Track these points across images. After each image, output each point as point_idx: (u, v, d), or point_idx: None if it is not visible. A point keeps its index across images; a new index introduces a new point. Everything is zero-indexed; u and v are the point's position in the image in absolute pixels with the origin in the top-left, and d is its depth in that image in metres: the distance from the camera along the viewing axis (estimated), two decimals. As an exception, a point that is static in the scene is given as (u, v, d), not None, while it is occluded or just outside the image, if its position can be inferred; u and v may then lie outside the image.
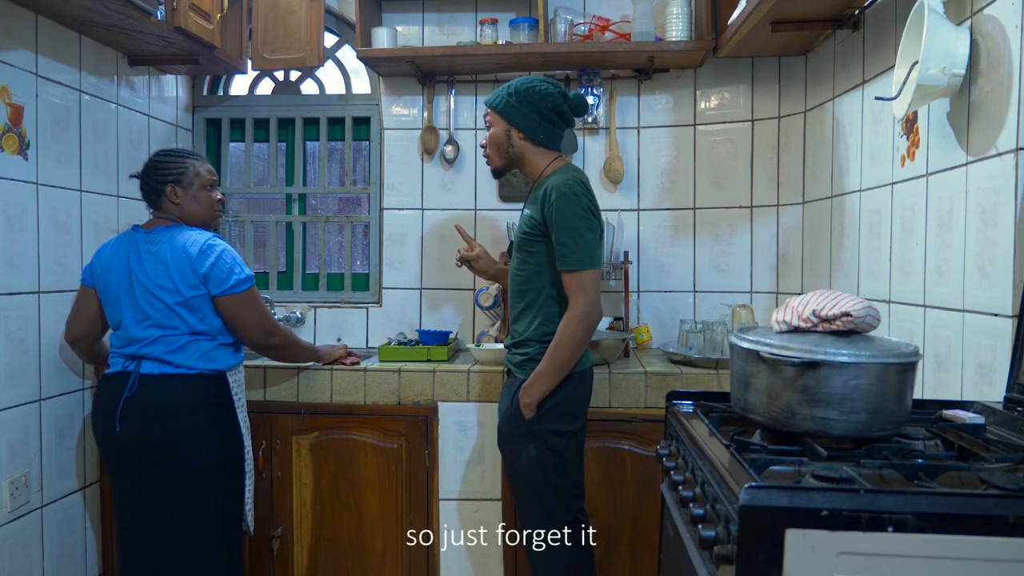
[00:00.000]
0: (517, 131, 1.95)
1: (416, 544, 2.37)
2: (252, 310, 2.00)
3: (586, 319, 1.82)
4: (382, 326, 2.92)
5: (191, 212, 2.05)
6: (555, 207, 1.83)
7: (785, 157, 2.70)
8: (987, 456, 1.12)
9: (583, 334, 1.83)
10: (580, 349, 1.85)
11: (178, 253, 1.92)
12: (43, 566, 2.25)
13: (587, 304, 1.82)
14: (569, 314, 1.83)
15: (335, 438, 2.38)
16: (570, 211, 1.82)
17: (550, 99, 1.93)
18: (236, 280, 1.96)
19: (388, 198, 2.94)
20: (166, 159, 2.05)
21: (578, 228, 1.82)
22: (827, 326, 1.26)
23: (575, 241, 1.82)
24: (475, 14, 2.87)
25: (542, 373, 1.85)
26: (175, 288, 1.92)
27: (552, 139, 1.98)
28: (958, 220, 1.56)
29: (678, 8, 2.56)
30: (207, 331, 1.97)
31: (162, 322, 1.92)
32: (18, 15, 2.12)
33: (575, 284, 1.83)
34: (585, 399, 1.98)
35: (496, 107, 1.96)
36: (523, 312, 1.97)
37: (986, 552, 0.86)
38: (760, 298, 2.75)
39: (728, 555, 0.94)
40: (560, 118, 1.96)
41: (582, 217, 1.83)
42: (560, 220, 1.82)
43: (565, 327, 1.83)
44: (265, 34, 2.73)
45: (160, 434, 1.90)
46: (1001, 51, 1.40)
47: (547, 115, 1.94)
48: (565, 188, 1.84)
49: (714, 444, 1.20)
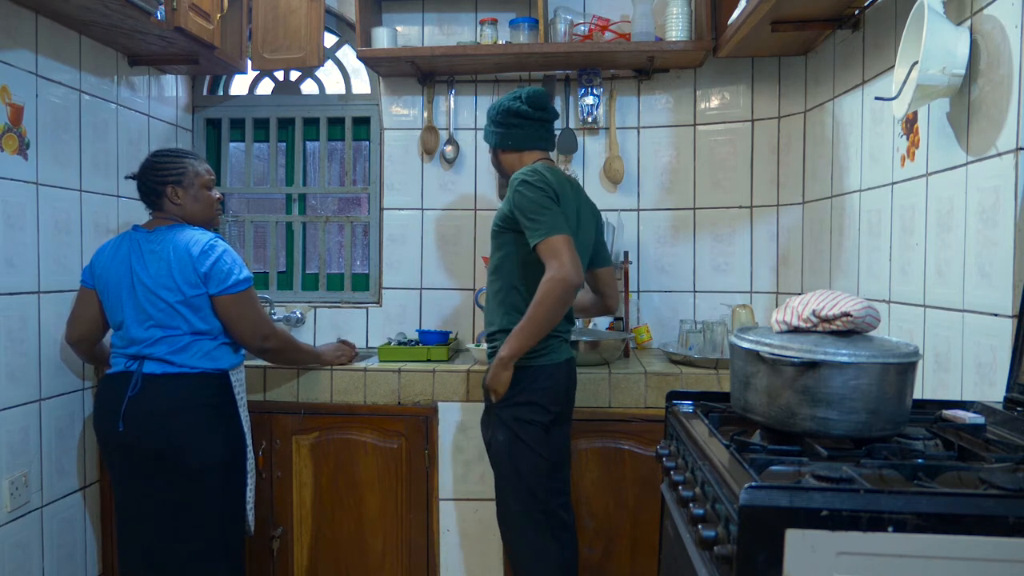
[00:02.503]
0: (494, 149, 2.15)
1: (416, 544, 2.38)
2: (249, 311, 2.00)
3: (562, 280, 1.82)
4: (382, 326, 2.92)
5: (192, 212, 2.05)
6: (513, 195, 1.93)
7: (785, 157, 2.70)
8: (987, 456, 1.12)
9: (560, 293, 1.83)
10: (556, 309, 1.85)
11: (180, 252, 1.93)
12: (43, 566, 2.25)
13: (560, 266, 1.83)
14: (545, 275, 1.85)
15: (335, 438, 2.38)
16: (528, 191, 1.90)
17: (502, 108, 2.08)
18: (235, 280, 1.96)
19: (388, 198, 2.94)
20: (164, 160, 2.04)
21: (537, 203, 1.88)
22: (827, 326, 1.26)
23: (537, 214, 1.87)
24: (475, 14, 2.87)
25: (520, 330, 1.88)
26: (176, 287, 1.92)
27: (520, 140, 2.08)
28: (958, 220, 1.56)
29: (678, 8, 2.56)
30: (209, 330, 1.97)
31: (164, 322, 1.92)
32: (18, 15, 2.12)
33: (547, 251, 1.85)
34: (557, 392, 1.98)
35: (484, 138, 2.18)
36: (492, 303, 2.05)
37: (986, 552, 0.86)
38: (760, 298, 2.75)
39: (728, 555, 0.94)
40: (517, 117, 2.06)
41: (539, 195, 1.89)
42: (520, 202, 1.90)
43: (542, 286, 1.85)
44: (265, 34, 2.73)
45: (163, 434, 1.89)
46: (1001, 51, 1.40)
47: (504, 122, 2.08)
48: (520, 176, 1.94)
49: (714, 444, 1.20)
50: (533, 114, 2.07)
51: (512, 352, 1.89)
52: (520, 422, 1.94)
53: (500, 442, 1.97)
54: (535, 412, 1.95)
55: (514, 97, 2.08)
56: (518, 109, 2.06)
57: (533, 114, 2.07)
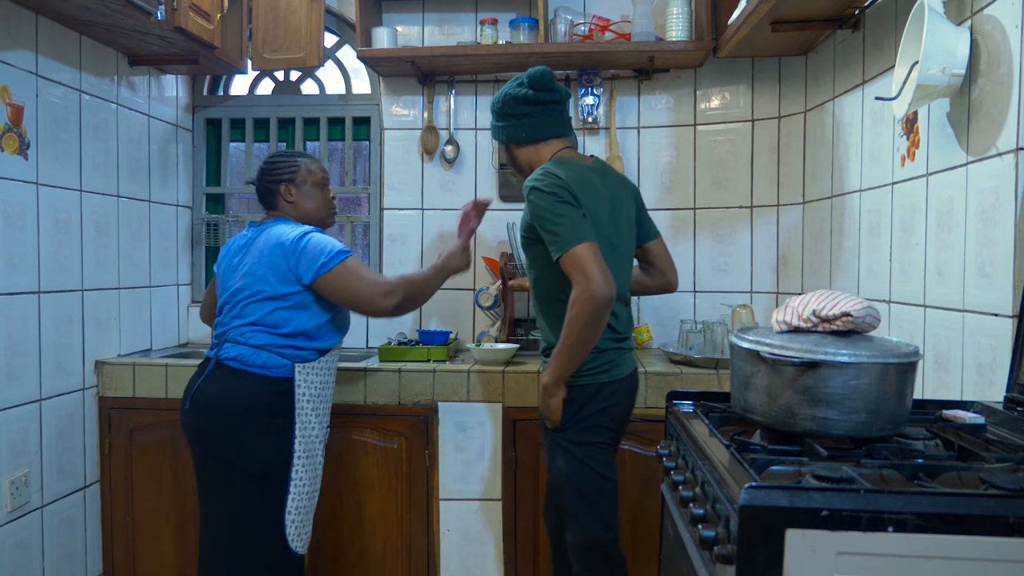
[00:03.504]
0: (506, 144, 1.96)
1: (416, 544, 2.38)
2: (351, 281, 1.90)
3: (589, 299, 1.68)
4: (382, 326, 2.92)
5: (306, 209, 2.04)
6: (528, 204, 1.79)
7: (785, 157, 2.70)
8: (987, 456, 1.12)
9: (590, 311, 1.68)
10: (590, 329, 1.71)
11: (272, 244, 1.91)
12: (43, 566, 2.25)
13: (586, 282, 1.68)
14: (572, 294, 1.71)
15: (335, 438, 2.37)
16: (539, 200, 1.76)
17: (506, 97, 1.90)
18: (325, 259, 1.89)
19: (388, 198, 2.94)
20: (279, 159, 2.06)
21: (552, 211, 1.73)
22: (827, 326, 1.26)
23: (554, 225, 1.73)
24: (475, 14, 2.87)
25: (557, 354, 1.76)
26: (265, 278, 1.91)
27: (533, 130, 1.90)
28: (958, 220, 1.56)
29: (678, 8, 2.56)
30: (288, 331, 1.92)
31: (244, 313, 1.92)
32: (18, 15, 2.12)
33: (570, 266, 1.71)
34: (620, 411, 1.86)
35: (492, 136, 2.00)
36: (541, 318, 1.93)
37: (986, 552, 0.86)
38: (760, 298, 2.75)
39: (728, 555, 0.94)
40: (525, 104, 1.88)
41: (552, 202, 1.74)
42: (536, 212, 1.77)
43: (570, 307, 1.71)
44: (265, 34, 2.73)
45: (212, 424, 1.89)
46: (1001, 51, 1.40)
47: (512, 113, 1.90)
48: (530, 183, 1.80)
49: (714, 444, 1.20)
50: (541, 97, 1.87)
51: (554, 378, 1.77)
52: (582, 445, 1.80)
53: (560, 468, 1.82)
54: (598, 434, 1.81)
55: (517, 83, 1.89)
56: (524, 95, 1.87)
57: (541, 97, 1.87)
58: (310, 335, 1.95)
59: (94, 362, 2.46)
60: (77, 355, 2.39)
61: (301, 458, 1.93)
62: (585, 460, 1.80)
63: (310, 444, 1.96)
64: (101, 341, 2.50)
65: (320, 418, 2.00)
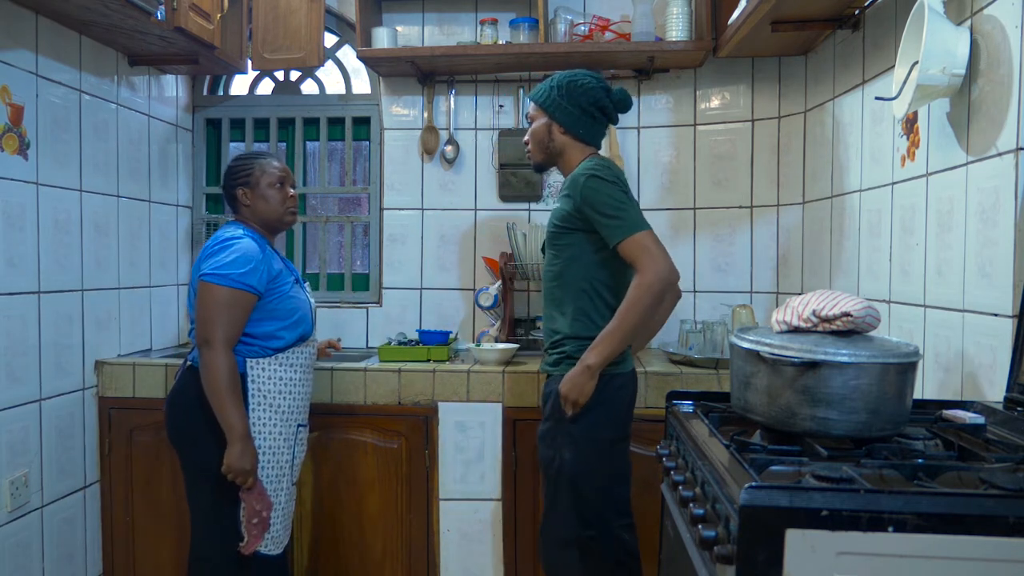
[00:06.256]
0: (558, 126, 1.92)
1: (416, 544, 2.37)
2: (208, 306, 1.83)
3: (661, 280, 1.72)
4: (382, 326, 2.92)
5: (262, 212, 1.99)
6: (584, 190, 1.79)
7: (785, 157, 2.70)
8: (987, 456, 1.12)
9: (658, 292, 1.72)
10: (651, 311, 1.76)
11: (203, 250, 1.91)
12: (43, 566, 2.25)
13: (655, 264, 1.71)
14: (639, 278, 1.72)
15: (335, 438, 2.38)
16: (602, 187, 1.78)
17: (591, 93, 1.89)
18: (211, 270, 1.84)
19: (388, 198, 2.94)
20: (236, 164, 2.03)
21: (615, 197, 1.77)
22: (827, 326, 1.26)
23: (617, 210, 1.76)
24: (475, 14, 2.87)
25: (609, 334, 1.75)
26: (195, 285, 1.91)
27: (592, 134, 1.93)
28: (958, 220, 1.56)
29: (678, 8, 2.56)
30: None
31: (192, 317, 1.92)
32: (18, 15, 2.12)
33: (636, 249, 1.73)
34: (631, 403, 1.89)
35: (539, 101, 1.94)
36: (555, 310, 1.90)
37: (986, 552, 0.86)
38: (760, 298, 2.75)
39: (728, 555, 0.94)
40: (601, 113, 1.92)
41: (616, 190, 1.78)
42: (594, 198, 1.78)
43: (637, 287, 1.72)
44: (265, 34, 2.73)
45: (171, 423, 1.97)
46: (1001, 51, 1.40)
47: (588, 110, 1.90)
48: (590, 170, 1.81)
49: (714, 444, 1.20)
50: (611, 116, 1.94)
51: (603, 359, 1.75)
52: (590, 439, 1.81)
53: (566, 461, 1.81)
54: (610, 427, 1.83)
55: (603, 88, 1.91)
56: (604, 104, 1.90)
57: (611, 116, 1.94)
58: (254, 334, 1.91)
59: (94, 362, 2.46)
60: (77, 355, 2.39)
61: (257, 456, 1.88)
62: (586, 453, 1.81)
63: (272, 441, 1.92)
64: (101, 341, 2.50)
65: (283, 415, 1.94)
